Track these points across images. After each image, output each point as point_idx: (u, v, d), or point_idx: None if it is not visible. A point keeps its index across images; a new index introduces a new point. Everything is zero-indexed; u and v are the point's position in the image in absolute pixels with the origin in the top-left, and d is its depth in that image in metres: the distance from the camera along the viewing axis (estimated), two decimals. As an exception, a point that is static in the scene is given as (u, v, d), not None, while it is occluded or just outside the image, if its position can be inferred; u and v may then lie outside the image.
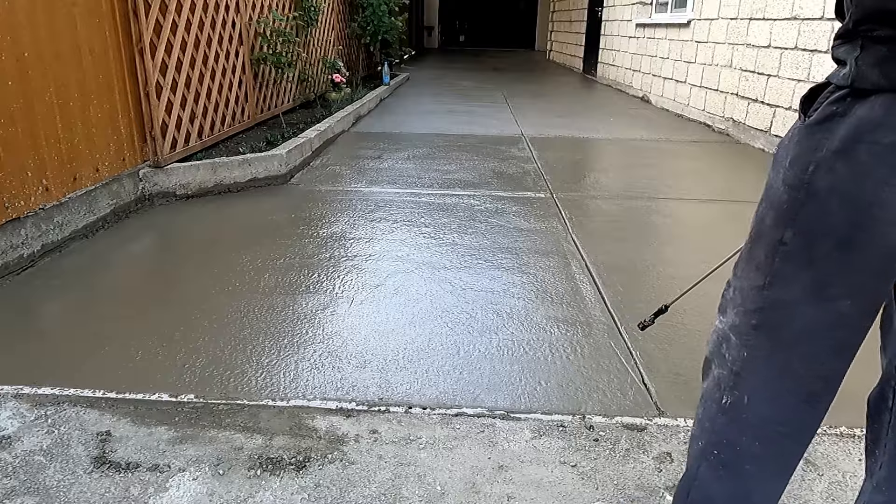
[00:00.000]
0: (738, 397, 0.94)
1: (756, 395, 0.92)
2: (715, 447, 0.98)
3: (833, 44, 0.85)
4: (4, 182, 2.43)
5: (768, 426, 0.94)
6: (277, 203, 3.50)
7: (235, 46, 4.43)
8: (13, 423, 1.58)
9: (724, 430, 0.97)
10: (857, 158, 0.77)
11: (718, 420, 0.97)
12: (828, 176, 0.80)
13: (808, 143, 0.82)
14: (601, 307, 2.27)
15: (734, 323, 0.93)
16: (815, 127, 0.81)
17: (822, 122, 0.80)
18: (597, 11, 10.57)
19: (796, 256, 0.85)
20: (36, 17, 2.58)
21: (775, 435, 0.95)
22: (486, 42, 21.29)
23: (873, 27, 0.76)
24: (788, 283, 0.86)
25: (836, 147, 0.79)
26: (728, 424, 0.96)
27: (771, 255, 0.87)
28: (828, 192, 0.80)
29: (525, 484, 1.41)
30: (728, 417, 0.96)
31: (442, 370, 1.85)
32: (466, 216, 3.27)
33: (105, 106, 3.06)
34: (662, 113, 7.15)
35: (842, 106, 0.79)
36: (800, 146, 0.83)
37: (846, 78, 0.79)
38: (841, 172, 0.79)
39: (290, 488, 1.38)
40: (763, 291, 0.89)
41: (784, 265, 0.86)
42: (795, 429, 0.95)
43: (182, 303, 2.27)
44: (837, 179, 0.79)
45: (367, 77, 8.78)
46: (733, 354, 0.93)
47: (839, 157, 0.78)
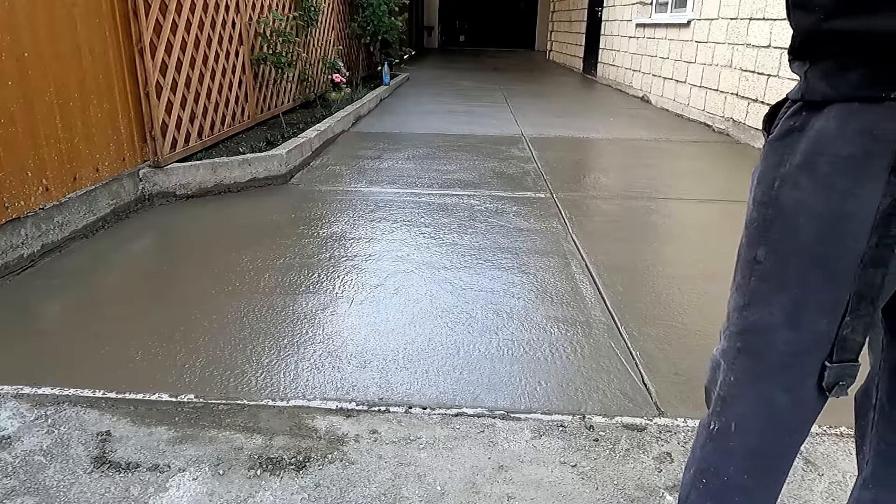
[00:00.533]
0: (724, 423, 0.92)
1: (742, 422, 0.91)
2: (703, 475, 0.96)
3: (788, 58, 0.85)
4: (4, 182, 2.43)
5: (755, 458, 0.93)
6: (277, 203, 3.50)
7: (235, 46, 4.43)
8: (13, 423, 1.58)
9: (710, 458, 0.95)
10: (819, 171, 0.77)
11: (707, 447, 0.96)
12: (793, 191, 0.80)
13: (772, 159, 0.82)
14: (601, 307, 2.27)
15: (724, 347, 0.93)
16: (777, 143, 0.82)
17: (783, 138, 0.81)
18: (597, 11, 10.57)
19: (771, 275, 0.84)
20: (36, 18, 2.58)
21: (762, 467, 0.93)
22: (485, 42, 21.29)
23: (816, 47, 0.78)
24: (766, 304, 0.85)
25: (798, 161, 0.79)
26: (714, 452, 0.95)
27: (748, 275, 0.87)
28: (794, 208, 0.80)
29: (525, 484, 1.41)
30: (715, 444, 0.94)
31: (442, 370, 1.85)
32: (466, 216, 3.27)
33: (105, 106, 3.06)
34: (662, 113, 7.15)
35: (798, 120, 0.80)
36: (765, 162, 0.84)
37: (797, 93, 0.81)
38: (805, 187, 0.79)
39: (290, 488, 1.38)
40: (743, 313, 0.88)
41: (760, 285, 0.85)
42: (780, 458, 0.94)
43: (182, 303, 2.27)
44: (803, 194, 0.79)
45: (367, 77, 8.78)
46: (721, 379, 0.92)
47: (802, 172, 0.79)
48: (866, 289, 0.79)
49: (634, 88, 8.57)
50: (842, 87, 0.75)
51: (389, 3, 8.19)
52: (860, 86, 0.74)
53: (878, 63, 0.72)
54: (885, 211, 0.75)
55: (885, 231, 0.75)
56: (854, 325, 0.81)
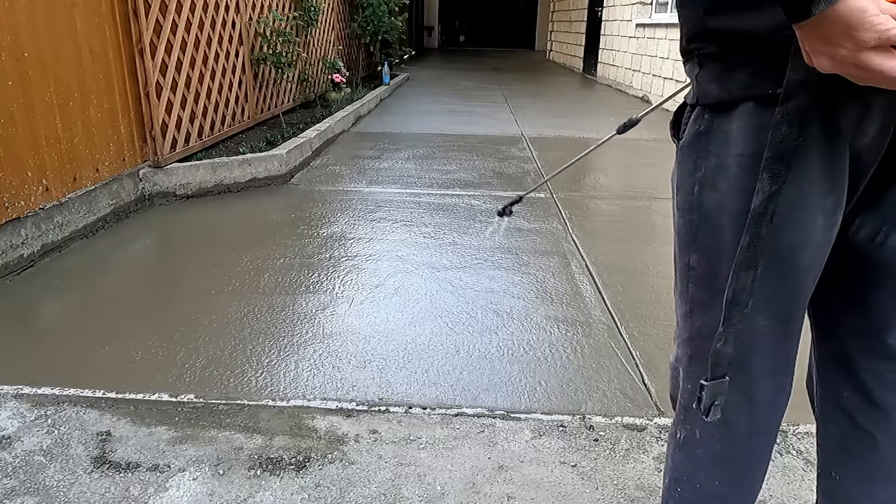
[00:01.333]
0: (689, 431, 0.92)
1: (705, 429, 0.90)
2: (677, 484, 0.96)
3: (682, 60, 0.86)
4: (4, 182, 2.43)
5: (722, 464, 0.92)
6: (277, 203, 3.50)
7: (235, 46, 4.43)
8: (13, 423, 1.58)
9: (682, 467, 0.95)
10: (731, 172, 0.77)
11: (677, 456, 0.95)
12: (712, 194, 0.80)
13: (687, 165, 0.82)
14: (601, 307, 2.27)
15: (678, 355, 0.93)
16: (688, 149, 0.82)
17: (693, 143, 0.81)
18: (597, 11, 10.57)
19: (706, 280, 0.84)
20: (36, 18, 2.58)
21: (731, 473, 0.92)
22: (486, 42, 21.28)
23: (702, 45, 0.78)
24: (708, 311, 0.84)
25: (713, 164, 0.79)
26: (684, 460, 0.94)
27: (686, 282, 0.87)
28: (716, 211, 0.80)
29: (525, 484, 1.41)
30: (683, 453, 0.94)
31: (442, 370, 1.85)
32: (466, 216, 3.27)
33: (105, 106, 3.06)
34: (663, 113, 7.14)
35: (703, 123, 0.80)
36: (681, 169, 0.84)
37: (693, 97, 0.81)
38: (722, 189, 0.79)
39: (290, 488, 1.38)
40: (688, 320, 0.88)
41: (697, 291, 0.85)
42: (748, 463, 0.92)
43: (182, 303, 2.27)
44: (722, 196, 0.79)
45: (367, 77, 8.78)
46: (681, 387, 0.92)
47: (717, 174, 0.79)
48: (738, 294, 0.76)
49: (634, 88, 8.57)
50: (732, 87, 0.75)
51: (389, 3, 8.18)
52: (749, 85, 0.74)
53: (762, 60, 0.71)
54: (757, 210, 0.72)
55: (757, 231, 0.73)
56: (727, 336, 0.77)
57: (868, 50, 0.58)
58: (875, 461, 0.91)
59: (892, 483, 0.91)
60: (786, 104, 0.69)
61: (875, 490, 0.93)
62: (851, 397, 0.91)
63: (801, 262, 0.80)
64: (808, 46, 0.62)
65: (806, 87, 0.68)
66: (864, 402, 0.90)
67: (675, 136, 0.86)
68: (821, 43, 0.60)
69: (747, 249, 0.74)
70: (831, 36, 0.59)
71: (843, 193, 0.77)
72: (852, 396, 0.91)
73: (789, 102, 0.69)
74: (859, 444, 0.92)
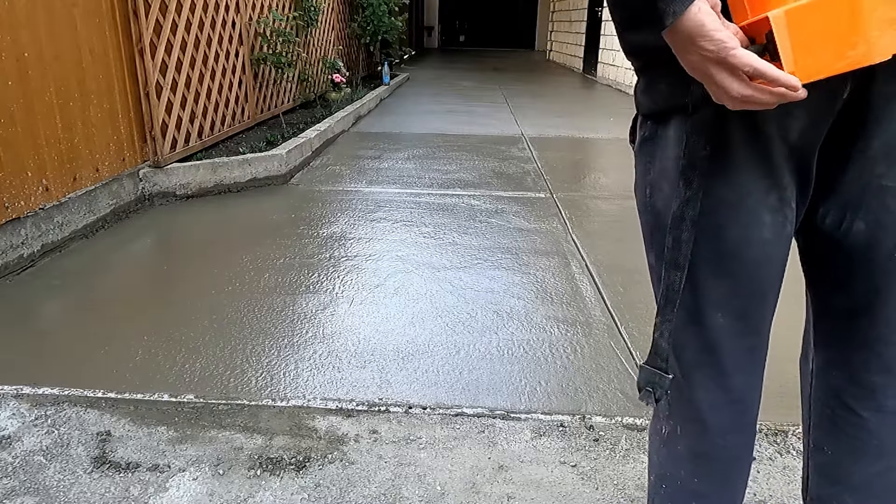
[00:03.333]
0: (672, 427, 0.93)
1: (684, 424, 0.91)
2: (662, 481, 0.97)
3: None
4: (4, 182, 2.43)
5: (699, 460, 0.92)
6: (277, 203, 3.50)
7: (235, 46, 4.43)
8: (13, 423, 1.58)
9: (665, 463, 0.95)
10: (670, 176, 0.81)
11: (661, 452, 0.96)
12: (660, 195, 0.83)
13: (640, 168, 0.87)
14: (601, 307, 2.27)
15: None
16: (639, 155, 0.87)
17: (641, 148, 0.86)
18: (597, 11, 10.57)
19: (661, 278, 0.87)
20: (36, 18, 2.58)
21: (708, 471, 0.93)
22: (485, 42, 21.28)
23: (631, 59, 0.83)
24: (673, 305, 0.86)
25: (658, 168, 0.83)
26: (668, 456, 0.95)
27: (654, 280, 0.90)
28: (664, 212, 0.83)
29: (525, 484, 1.41)
30: (667, 450, 0.94)
31: (442, 370, 1.85)
32: (466, 216, 3.27)
33: (105, 106, 3.06)
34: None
35: (647, 129, 0.84)
36: (636, 172, 0.89)
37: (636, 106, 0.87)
38: (666, 191, 0.82)
39: (290, 488, 1.38)
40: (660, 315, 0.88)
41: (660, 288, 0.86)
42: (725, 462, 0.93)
43: (182, 303, 2.27)
44: (667, 198, 0.82)
45: (367, 77, 8.78)
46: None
47: (661, 177, 0.83)
48: (669, 292, 0.81)
49: (634, 88, 8.56)
50: (657, 99, 0.80)
51: (389, 3, 8.18)
52: (669, 96, 0.78)
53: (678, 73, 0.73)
54: (675, 214, 0.78)
55: (678, 234, 0.78)
56: (662, 329, 0.83)
57: (713, 63, 0.64)
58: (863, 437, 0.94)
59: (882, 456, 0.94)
60: (694, 116, 0.75)
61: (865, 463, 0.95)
62: (839, 377, 0.93)
63: (749, 259, 0.81)
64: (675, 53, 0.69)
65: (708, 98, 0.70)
66: (850, 383, 0.92)
67: (632, 142, 0.90)
68: (679, 50, 0.67)
69: (672, 250, 0.80)
70: (683, 44, 0.65)
71: (787, 189, 0.79)
72: (839, 376, 0.93)
73: (697, 114, 0.74)
74: (847, 423, 0.94)
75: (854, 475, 0.96)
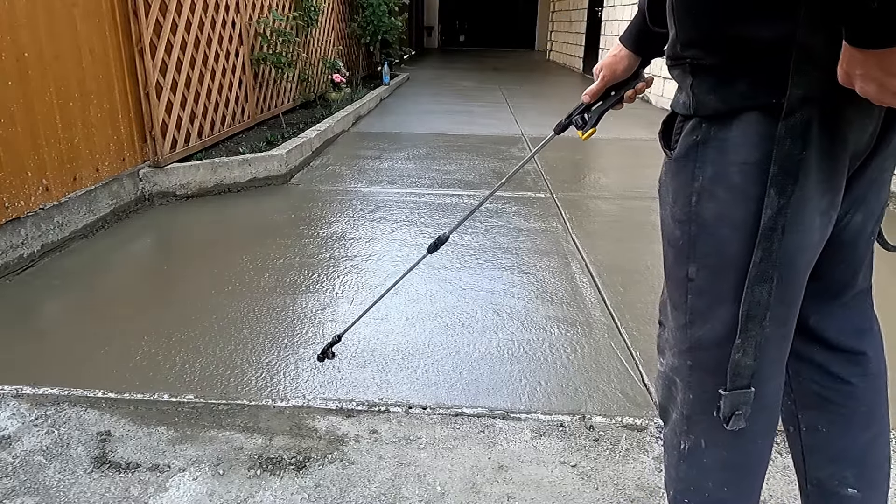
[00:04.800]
0: (694, 442, 0.92)
1: (710, 438, 0.91)
2: (684, 495, 0.96)
3: (666, 62, 0.85)
4: (4, 182, 2.43)
5: (729, 469, 0.93)
6: (277, 203, 3.50)
7: (235, 46, 4.43)
8: (13, 423, 1.58)
9: (688, 478, 0.95)
10: (733, 181, 0.77)
11: (681, 467, 0.95)
12: (711, 204, 0.80)
13: (683, 176, 0.82)
14: (601, 307, 2.27)
15: (674, 365, 0.92)
16: (684, 160, 0.82)
17: (689, 154, 0.81)
18: (597, 11, 10.57)
19: (706, 291, 0.84)
20: (36, 18, 2.58)
21: (737, 477, 0.94)
22: (485, 42, 21.28)
23: (702, 54, 0.77)
24: (708, 320, 0.85)
25: (711, 174, 0.79)
26: (690, 470, 0.94)
27: (683, 294, 0.87)
28: (716, 220, 0.80)
29: (525, 484, 1.41)
30: (688, 464, 0.94)
31: (442, 370, 1.85)
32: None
33: (105, 106, 3.06)
34: (663, 113, 7.11)
35: (699, 133, 0.79)
36: (676, 180, 0.83)
37: (687, 108, 0.80)
38: (723, 198, 0.78)
39: (290, 488, 1.38)
40: (688, 331, 0.88)
41: (697, 301, 0.85)
42: (754, 464, 0.94)
43: (182, 303, 2.27)
44: (722, 206, 0.79)
45: (367, 77, 8.78)
46: (681, 397, 0.92)
47: (717, 183, 0.78)
48: (753, 308, 0.78)
49: (634, 88, 8.55)
50: (731, 98, 0.75)
51: (389, 3, 8.18)
52: (750, 95, 0.74)
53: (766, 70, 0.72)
54: (767, 226, 0.75)
55: (769, 245, 0.75)
56: (745, 347, 0.80)
57: None
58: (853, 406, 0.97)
59: (870, 424, 0.97)
60: (788, 119, 0.71)
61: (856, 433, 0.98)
62: (820, 352, 0.96)
63: (802, 265, 0.81)
64: (861, 71, 0.63)
65: (808, 102, 0.69)
66: (833, 353, 0.95)
67: (666, 146, 0.86)
68: (879, 72, 0.62)
69: (761, 264, 0.76)
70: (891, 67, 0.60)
71: (839, 192, 0.79)
72: (821, 351, 0.96)
73: (792, 117, 0.70)
74: (838, 394, 0.97)
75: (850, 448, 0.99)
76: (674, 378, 0.93)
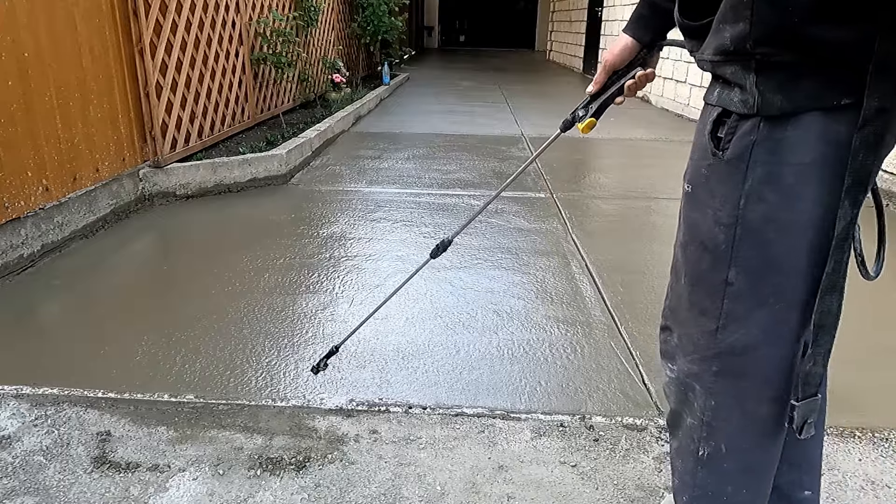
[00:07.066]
0: (714, 447, 0.91)
1: (732, 443, 0.91)
2: (700, 500, 0.96)
3: (713, 57, 0.80)
4: (4, 182, 2.43)
5: (749, 473, 0.93)
6: (277, 203, 3.50)
7: (235, 46, 4.43)
8: (13, 423, 1.58)
9: (706, 484, 0.94)
10: (784, 182, 0.76)
11: (699, 474, 0.95)
12: (759, 206, 0.78)
13: (735, 178, 0.79)
14: (601, 307, 2.27)
15: (692, 371, 0.91)
16: (737, 161, 0.79)
17: (742, 155, 0.78)
18: (597, 11, 10.57)
19: (745, 295, 0.83)
20: (36, 18, 2.58)
21: (758, 479, 0.94)
22: (485, 42, 21.26)
23: (774, 51, 0.74)
24: (744, 325, 0.84)
25: (761, 175, 0.77)
26: (709, 476, 0.94)
27: (718, 298, 0.85)
28: (763, 223, 0.78)
29: (525, 484, 1.41)
30: (708, 470, 0.93)
31: (442, 370, 1.85)
32: (466, 216, 3.27)
33: (105, 106, 3.06)
34: (662, 113, 7.15)
35: (756, 134, 0.77)
36: (726, 183, 0.81)
37: (749, 106, 0.77)
38: (771, 200, 0.77)
39: (290, 488, 1.38)
40: (717, 336, 0.86)
41: (735, 306, 0.84)
42: (770, 466, 0.95)
43: (182, 303, 2.27)
44: (770, 208, 0.77)
45: (367, 77, 8.78)
46: (700, 404, 0.91)
47: (766, 185, 0.77)
48: (824, 317, 0.78)
49: (634, 88, 8.55)
50: (797, 97, 0.74)
51: (389, 3, 8.18)
52: (816, 95, 0.73)
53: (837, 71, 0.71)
54: (840, 236, 0.74)
55: (840, 256, 0.75)
56: (816, 357, 0.80)
57: None
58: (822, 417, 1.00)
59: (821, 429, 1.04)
60: (863, 130, 0.70)
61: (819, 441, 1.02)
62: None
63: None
64: None
65: (883, 112, 0.69)
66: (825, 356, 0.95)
67: (717, 147, 0.82)
68: None
69: (832, 274, 0.76)
70: None
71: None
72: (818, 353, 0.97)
73: (867, 128, 0.70)
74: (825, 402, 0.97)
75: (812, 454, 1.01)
76: (692, 384, 0.91)
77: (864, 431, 1.60)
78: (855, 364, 1.85)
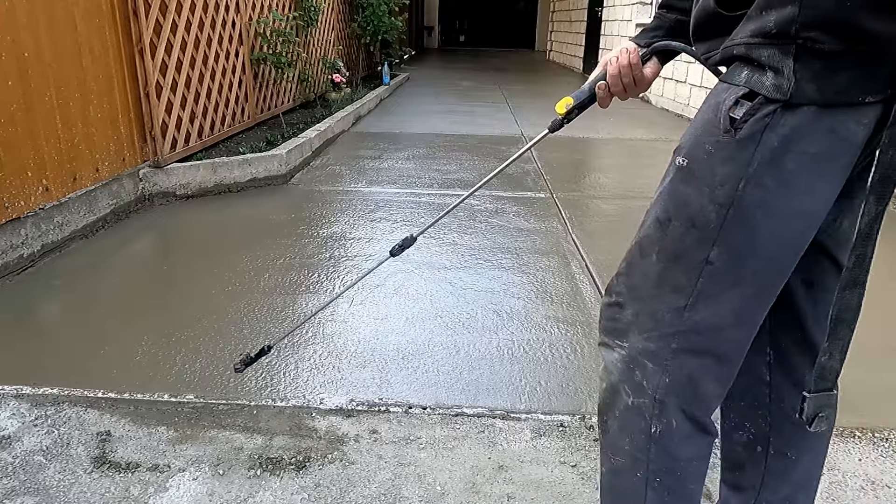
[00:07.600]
0: (666, 424, 0.91)
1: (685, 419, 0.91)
2: (656, 475, 0.96)
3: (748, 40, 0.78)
4: (4, 182, 2.43)
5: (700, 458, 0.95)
6: (277, 203, 3.50)
7: (235, 46, 4.43)
8: (13, 423, 1.58)
9: (660, 459, 0.94)
10: (784, 168, 0.76)
11: (652, 450, 0.94)
12: (756, 190, 0.78)
13: (741, 159, 0.79)
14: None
15: (648, 349, 0.90)
16: (747, 140, 0.78)
17: (753, 136, 0.77)
18: (597, 11, 10.57)
19: (723, 275, 0.83)
20: (36, 18, 2.58)
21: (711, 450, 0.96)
22: (485, 42, 21.27)
23: (820, 38, 0.72)
24: (715, 304, 0.84)
25: (765, 159, 0.77)
26: (662, 452, 0.94)
27: (694, 276, 0.85)
28: (755, 207, 0.79)
29: (525, 484, 1.41)
30: (660, 446, 0.93)
31: (442, 370, 1.85)
32: (466, 216, 3.27)
33: (105, 106, 3.06)
34: (662, 113, 7.15)
35: (773, 118, 0.76)
36: (731, 163, 0.79)
37: (783, 91, 0.75)
38: (768, 185, 0.77)
39: (290, 488, 1.38)
40: (684, 313, 0.86)
41: (709, 285, 0.84)
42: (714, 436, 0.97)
43: (182, 303, 2.27)
44: (765, 193, 0.78)
45: (367, 77, 8.78)
46: (654, 382, 0.90)
47: (767, 170, 0.77)
48: (844, 312, 0.79)
49: (634, 88, 8.55)
50: (828, 89, 0.73)
51: (389, 3, 8.18)
52: (844, 89, 0.73)
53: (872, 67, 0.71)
54: (864, 231, 0.75)
55: (863, 251, 0.76)
56: (832, 351, 0.80)
57: None
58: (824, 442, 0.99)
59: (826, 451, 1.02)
60: (893, 128, 0.71)
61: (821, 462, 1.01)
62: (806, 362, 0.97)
63: None
64: None
65: None
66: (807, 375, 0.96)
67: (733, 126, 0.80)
68: None
69: (853, 269, 0.76)
70: None
71: None
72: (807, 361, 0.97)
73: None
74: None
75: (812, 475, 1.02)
76: (643, 362, 0.91)
77: (864, 431, 1.60)
78: (855, 364, 1.85)
